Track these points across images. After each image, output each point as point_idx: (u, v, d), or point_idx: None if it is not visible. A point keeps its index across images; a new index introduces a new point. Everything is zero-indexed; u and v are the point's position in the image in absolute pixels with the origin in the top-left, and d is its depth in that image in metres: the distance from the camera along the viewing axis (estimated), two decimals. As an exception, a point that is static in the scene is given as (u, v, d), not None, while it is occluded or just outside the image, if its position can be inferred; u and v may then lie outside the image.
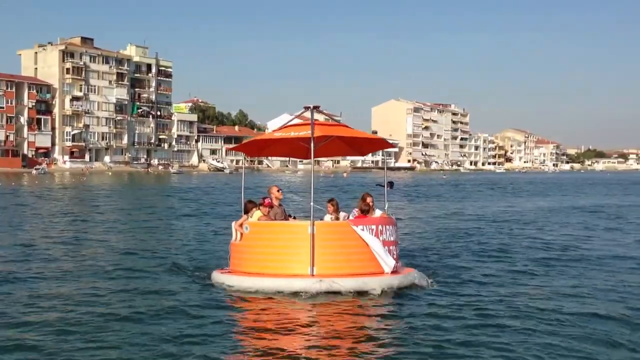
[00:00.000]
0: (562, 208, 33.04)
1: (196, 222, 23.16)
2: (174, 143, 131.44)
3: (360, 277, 10.09)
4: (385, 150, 13.79)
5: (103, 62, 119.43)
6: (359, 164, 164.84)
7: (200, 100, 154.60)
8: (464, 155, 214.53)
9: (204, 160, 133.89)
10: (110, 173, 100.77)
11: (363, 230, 10.29)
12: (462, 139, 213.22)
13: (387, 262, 10.32)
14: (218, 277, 10.93)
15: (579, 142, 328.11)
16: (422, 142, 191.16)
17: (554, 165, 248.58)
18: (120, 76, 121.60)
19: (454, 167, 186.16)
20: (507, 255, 14.78)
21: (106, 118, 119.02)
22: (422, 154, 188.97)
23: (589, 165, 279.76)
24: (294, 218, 11.80)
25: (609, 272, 12.55)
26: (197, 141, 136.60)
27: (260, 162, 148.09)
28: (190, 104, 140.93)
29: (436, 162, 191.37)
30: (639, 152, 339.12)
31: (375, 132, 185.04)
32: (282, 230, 10.71)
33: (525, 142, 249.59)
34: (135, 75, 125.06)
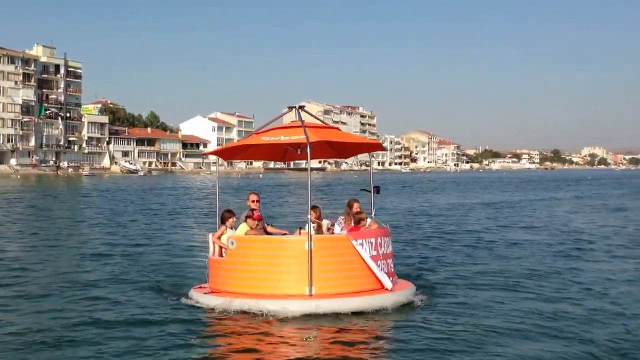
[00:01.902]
0: (478, 204, 37.29)
1: (141, 228, 22.59)
2: (84, 145, 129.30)
3: (365, 296, 9.24)
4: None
5: (8, 62, 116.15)
6: (271, 165, 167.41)
7: (109, 102, 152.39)
8: (373, 156, 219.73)
9: (115, 163, 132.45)
10: (18, 176, 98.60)
11: (362, 244, 9.39)
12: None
13: (384, 277, 9.51)
14: (200, 297, 9.77)
15: (477, 143, 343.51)
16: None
17: (455, 165, 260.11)
18: (26, 77, 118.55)
19: (363, 167, 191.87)
20: (472, 256, 15.23)
21: (12, 119, 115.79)
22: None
23: (486, 164, 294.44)
24: (271, 228, 10.56)
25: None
26: (108, 143, 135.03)
27: (173, 164, 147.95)
28: (99, 106, 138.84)
29: (346, 162, 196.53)
30: (530, 153, 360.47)
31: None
32: (275, 246, 9.58)
33: (428, 143, 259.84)
34: (43, 76, 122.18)
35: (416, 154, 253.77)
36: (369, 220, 10.33)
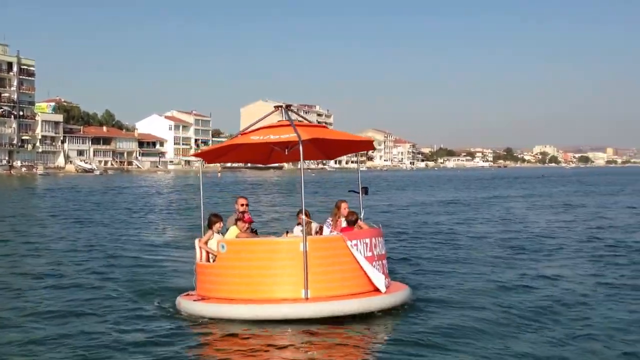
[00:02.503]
0: (441, 202, 38.57)
1: (111, 231, 22.06)
2: (38, 144, 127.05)
3: (362, 298, 9.00)
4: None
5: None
6: (228, 165, 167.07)
7: (63, 100, 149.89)
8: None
9: (70, 162, 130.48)
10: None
11: (357, 245, 9.22)
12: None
13: (380, 279, 9.30)
14: (190, 305, 9.34)
15: (431, 141, 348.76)
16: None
17: (411, 163, 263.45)
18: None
19: (320, 165, 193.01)
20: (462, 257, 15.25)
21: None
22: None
23: (441, 163, 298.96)
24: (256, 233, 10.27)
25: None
26: (63, 142, 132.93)
27: (130, 163, 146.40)
28: (52, 104, 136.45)
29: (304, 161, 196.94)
30: (483, 151, 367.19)
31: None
32: (268, 248, 9.28)
33: (384, 142, 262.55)
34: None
35: (372, 152, 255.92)
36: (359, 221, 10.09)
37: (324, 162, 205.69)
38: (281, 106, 10.26)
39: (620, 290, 11.09)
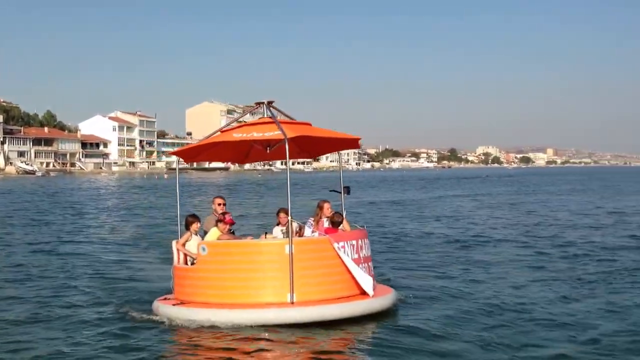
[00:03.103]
0: (386, 202, 39.27)
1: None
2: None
3: (349, 302, 8.70)
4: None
5: None
6: (173, 166, 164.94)
7: (2, 100, 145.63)
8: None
9: (11, 163, 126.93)
10: None
11: (344, 247, 8.91)
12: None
13: (367, 282, 8.99)
14: (168, 310, 8.90)
15: (377, 142, 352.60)
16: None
17: (357, 164, 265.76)
18: None
19: (266, 167, 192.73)
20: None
21: None
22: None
23: (387, 163, 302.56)
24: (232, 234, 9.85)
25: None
26: (2, 143, 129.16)
27: (72, 164, 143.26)
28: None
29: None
30: (428, 152, 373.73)
31: (190, 134, 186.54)
32: (252, 250, 8.90)
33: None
34: None
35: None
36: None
37: (270, 163, 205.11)
38: (263, 103, 9.83)
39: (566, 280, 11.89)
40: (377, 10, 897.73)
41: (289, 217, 9.02)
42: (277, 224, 9.85)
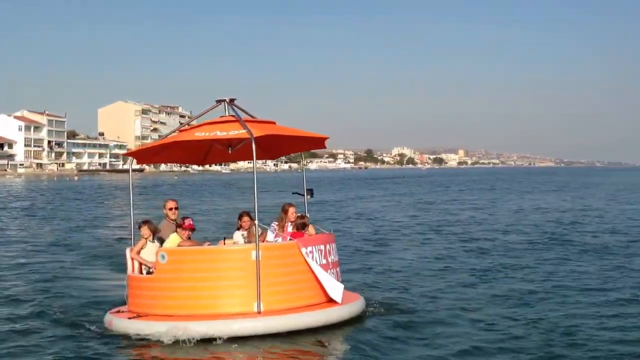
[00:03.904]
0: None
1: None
2: None
3: (319, 310, 8.27)
4: (114, 152, 11.17)
5: None
6: (85, 167, 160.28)
7: None
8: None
9: None
10: None
11: (312, 252, 8.50)
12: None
13: (337, 289, 8.57)
14: (124, 323, 8.26)
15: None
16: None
17: (274, 165, 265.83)
18: None
19: (183, 168, 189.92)
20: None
21: None
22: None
23: (304, 164, 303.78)
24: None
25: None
26: None
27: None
28: None
29: (165, 164, 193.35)
30: (345, 153, 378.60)
31: (102, 134, 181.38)
32: (216, 257, 8.42)
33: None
34: None
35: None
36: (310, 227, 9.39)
37: (187, 165, 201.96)
38: (224, 100, 9.29)
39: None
40: (287, 10, 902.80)
41: (255, 221, 8.42)
42: (238, 228, 9.32)
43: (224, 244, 9.15)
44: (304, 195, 10.35)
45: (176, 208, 9.36)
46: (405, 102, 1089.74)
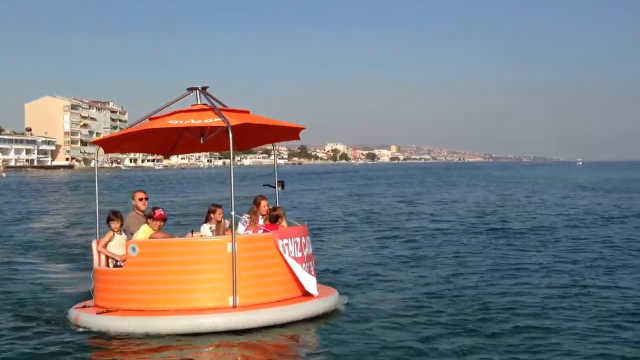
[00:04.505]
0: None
1: None
2: None
3: (295, 304, 8.09)
4: (42, 149, 10.69)
5: None
6: (12, 163, 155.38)
7: None
8: (124, 153, 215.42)
9: None
10: None
11: (288, 244, 8.32)
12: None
13: (311, 282, 8.45)
14: (92, 319, 7.90)
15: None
16: (81, 140, 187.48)
17: (208, 161, 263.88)
18: None
19: (114, 164, 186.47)
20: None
21: None
22: (82, 152, 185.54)
23: (238, 160, 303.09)
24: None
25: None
26: None
27: None
28: None
29: (98, 160, 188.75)
30: (279, 149, 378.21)
31: (30, 130, 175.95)
32: (190, 249, 8.10)
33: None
34: None
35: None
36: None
37: (119, 160, 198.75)
38: (196, 88, 8.95)
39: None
40: (217, 7, 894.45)
41: (232, 212, 8.14)
42: (207, 221, 9.12)
43: (192, 236, 8.92)
44: (275, 187, 10.17)
45: (146, 199, 9.08)
46: (339, 98, 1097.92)
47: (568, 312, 8.70)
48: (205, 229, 9.02)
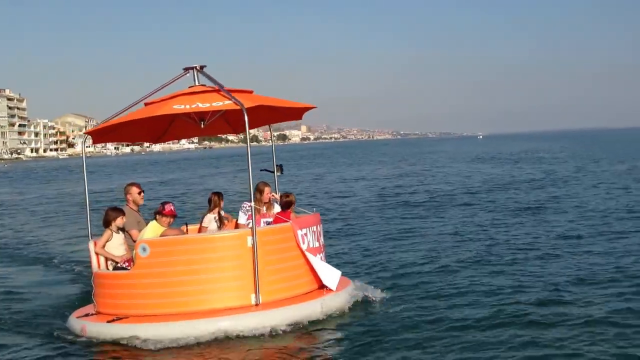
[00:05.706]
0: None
1: None
2: None
3: (320, 298, 7.56)
4: None
5: None
6: None
7: None
8: (24, 143, 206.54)
9: None
10: None
11: (306, 234, 7.87)
12: (20, 125, 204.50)
13: (333, 275, 7.93)
14: (101, 328, 7.27)
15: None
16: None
17: (115, 149, 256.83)
18: None
19: (14, 155, 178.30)
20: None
21: None
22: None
23: (147, 147, 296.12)
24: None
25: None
26: None
27: None
28: None
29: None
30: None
31: None
32: (207, 246, 7.44)
33: (86, 127, 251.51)
34: None
35: (73, 138, 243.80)
36: (277, 206, 8.74)
37: (19, 151, 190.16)
38: (193, 68, 8.24)
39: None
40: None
41: (252, 204, 7.62)
42: (210, 211, 8.60)
43: (187, 231, 8.45)
44: (273, 172, 9.60)
45: (140, 193, 8.51)
46: (249, 80, 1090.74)
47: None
48: (210, 219, 8.55)
